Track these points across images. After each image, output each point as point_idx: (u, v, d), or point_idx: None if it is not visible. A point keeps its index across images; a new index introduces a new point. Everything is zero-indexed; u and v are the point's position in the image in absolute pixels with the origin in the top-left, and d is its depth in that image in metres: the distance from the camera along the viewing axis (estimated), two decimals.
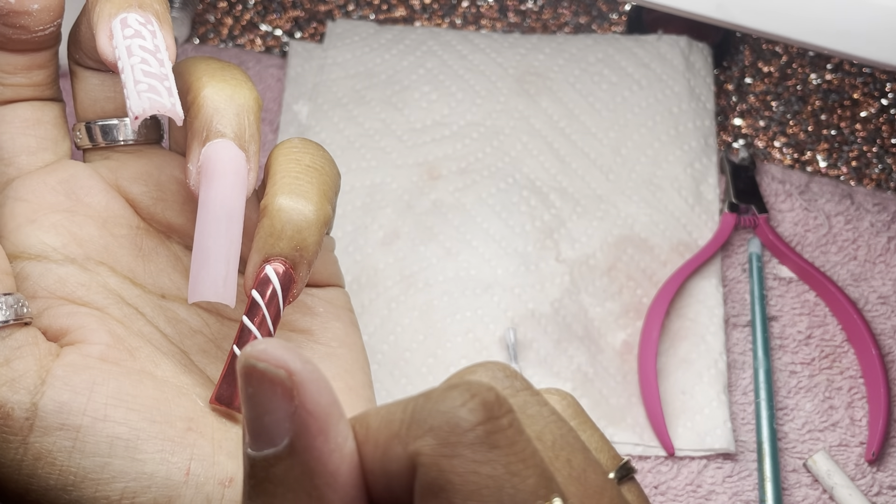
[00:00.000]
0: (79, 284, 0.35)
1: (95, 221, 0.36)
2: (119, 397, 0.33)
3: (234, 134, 0.33)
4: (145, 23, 0.33)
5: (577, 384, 0.55)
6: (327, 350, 0.38)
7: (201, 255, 0.32)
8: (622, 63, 0.64)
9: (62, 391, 0.32)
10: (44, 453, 0.31)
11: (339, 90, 0.63)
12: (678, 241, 0.59)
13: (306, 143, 0.36)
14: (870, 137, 0.65)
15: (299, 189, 0.34)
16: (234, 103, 0.34)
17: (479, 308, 0.57)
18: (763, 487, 0.53)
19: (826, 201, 0.62)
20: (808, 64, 0.68)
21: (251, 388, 0.23)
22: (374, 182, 0.61)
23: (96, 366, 0.33)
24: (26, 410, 0.31)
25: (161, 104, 0.32)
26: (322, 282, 0.39)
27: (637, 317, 0.57)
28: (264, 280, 0.33)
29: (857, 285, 0.59)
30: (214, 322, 0.37)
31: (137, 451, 0.32)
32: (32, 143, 0.36)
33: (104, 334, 0.34)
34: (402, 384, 0.55)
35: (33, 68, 0.36)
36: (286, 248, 0.33)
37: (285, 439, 0.23)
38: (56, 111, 0.37)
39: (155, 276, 0.37)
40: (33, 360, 0.32)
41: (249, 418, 0.24)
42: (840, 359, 0.57)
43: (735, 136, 0.66)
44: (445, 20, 0.69)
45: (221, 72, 0.35)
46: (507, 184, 0.60)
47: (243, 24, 0.68)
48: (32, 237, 0.35)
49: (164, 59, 0.33)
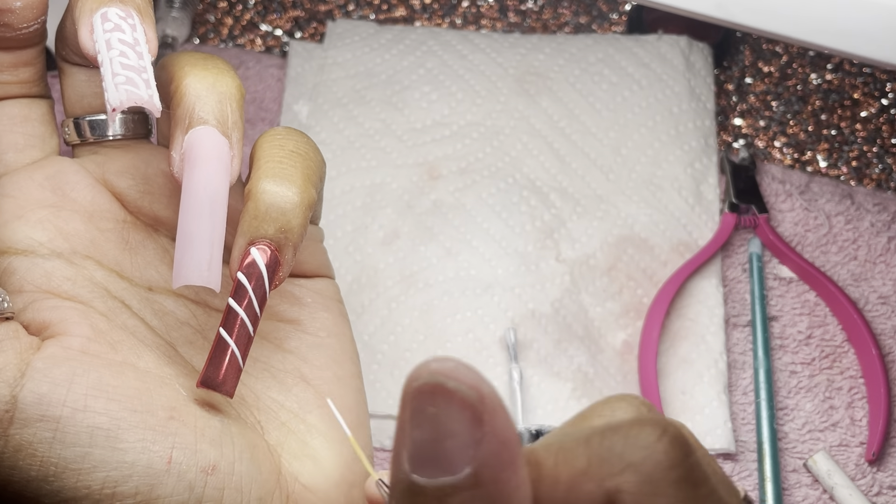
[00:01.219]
0: (64, 278, 0.35)
1: (82, 216, 0.36)
2: (99, 388, 0.33)
3: (216, 120, 0.33)
4: (126, 17, 0.33)
5: (577, 384, 0.55)
6: (315, 340, 0.38)
7: (185, 239, 0.32)
8: (622, 63, 0.64)
9: (42, 383, 0.32)
10: (24, 445, 0.32)
11: (339, 90, 0.63)
12: (678, 241, 0.59)
13: (290, 131, 0.36)
14: (870, 137, 0.65)
15: (283, 173, 0.34)
16: (216, 91, 0.34)
17: (479, 308, 0.57)
18: (763, 487, 0.53)
19: (826, 201, 0.62)
20: (809, 64, 0.68)
21: (434, 408, 0.22)
22: (374, 182, 0.61)
23: (76, 358, 0.33)
24: (6, 403, 0.32)
25: (138, 96, 0.32)
26: (310, 272, 0.39)
27: (637, 317, 0.57)
28: (250, 263, 0.33)
29: (858, 285, 0.59)
30: (202, 313, 0.38)
31: (118, 440, 0.32)
32: (20, 141, 0.37)
33: (85, 327, 0.34)
34: (402, 384, 0.55)
35: (19, 66, 0.36)
36: (271, 231, 0.33)
37: (467, 468, 0.21)
38: (44, 108, 0.38)
39: (142, 268, 0.37)
40: (13, 353, 0.32)
41: (422, 440, 0.22)
42: (840, 359, 0.57)
43: (735, 136, 0.66)
44: (445, 20, 0.69)
45: (204, 61, 0.35)
46: (507, 184, 0.60)
47: (243, 24, 0.68)
48: (19, 233, 0.35)
49: (144, 52, 0.33)
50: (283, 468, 0.36)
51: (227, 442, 0.34)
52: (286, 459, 0.36)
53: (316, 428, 0.37)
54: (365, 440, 0.39)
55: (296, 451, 0.36)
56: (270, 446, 0.36)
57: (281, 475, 0.36)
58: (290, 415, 0.37)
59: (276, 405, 0.37)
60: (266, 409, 0.37)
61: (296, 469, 0.36)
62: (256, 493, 0.34)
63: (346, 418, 0.38)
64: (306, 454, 0.37)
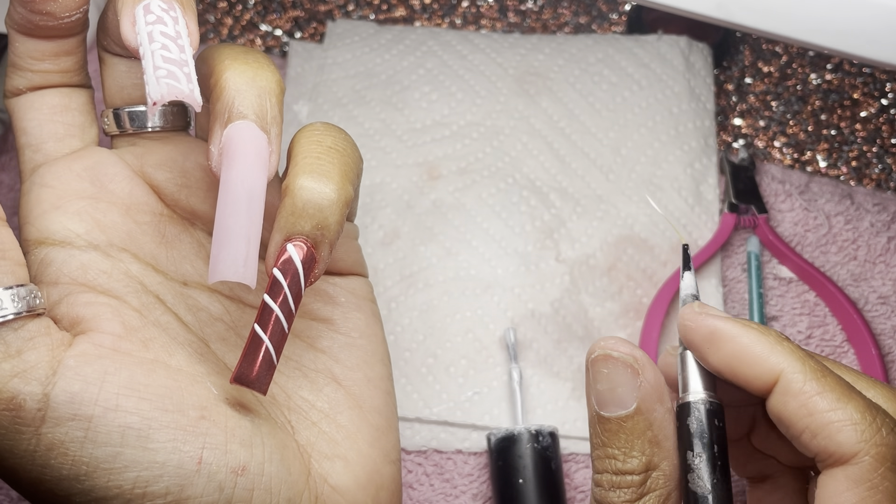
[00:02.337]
0: (101, 271, 0.35)
1: (119, 208, 0.36)
2: (131, 387, 0.33)
3: (255, 115, 0.33)
4: (168, 9, 0.33)
5: (577, 384, 0.55)
6: (347, 340, 0.38)
7: (221, 234, 0.32)
8: (622, 63, 0.64)
9: (74, 381, 0.32)
10: (56, 443, 0.32)
11: (339, 90, 0.63)
12: (678, 241, 0.59)
13: (328, 127, 0.36)
14: (870, 137, 0.65)
15: (321, 169, 0.33)
16: (256, 85, 0.34)
17: (479, 308, 0.57)
18: None
19: (826, 201, 0.62)
20: (808, 64, 0.68)
21: (607, 369, 0.33)
22: (374, 182, 0.61)
23: (108, 355, 0.33)
24: (38, 401, 0.31)
25: (179, 90, 0.32)
26: (345, 270, 0.39)
27: (637, 317, 0.57)
28: (286, 259, 0.33)
29: (857, 285, 0.59)
30: (235, 309, 0.38)
31: (149, 440, 0.32)
32: (60, 130, 0.37)
33: (117, 324, 0.34)
34: (401, 384, 0.55)
35: (61, 55, 0.36)
36: (308, 227, 0.33)
37: (633, 404, 0.33)
38: (84, 97, 0.38)
39: (178, 262, 0.37)
40: (46, 350, 0.32)
41: (603, 390, 0.33)
42: (840, 359, 0.57)
43: (735, 136, 0.66)
44: (445, 20, 0.69)
45: (244, 55, 0.35)
46: (507, 184, 0.60)
47: (243, 24, 0.69)
48: (57, 223, 0.35)
49: (185, 45, 0.33)
50: (312, 469, 0.36)
51: (258, 442, 0.34)
52: (316, 460, 0.36)
53: (346, 429, 0.37)
54: (393, 443, 0.39)
55: (326, 452, 0.36)
56: (300, 446, 0.36)
57: (310, 476, 0.35)
58: (321, 415, 0.37)
59: (306, 405, 0.37)
60: (297, 408, 0.37)
61: (325, 470, 0.36)
62: (286, 493, 0.34)
63: (375, 421, 0.38)
64: (337, 455, 0.36)
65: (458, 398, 0.55)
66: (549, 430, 0.52)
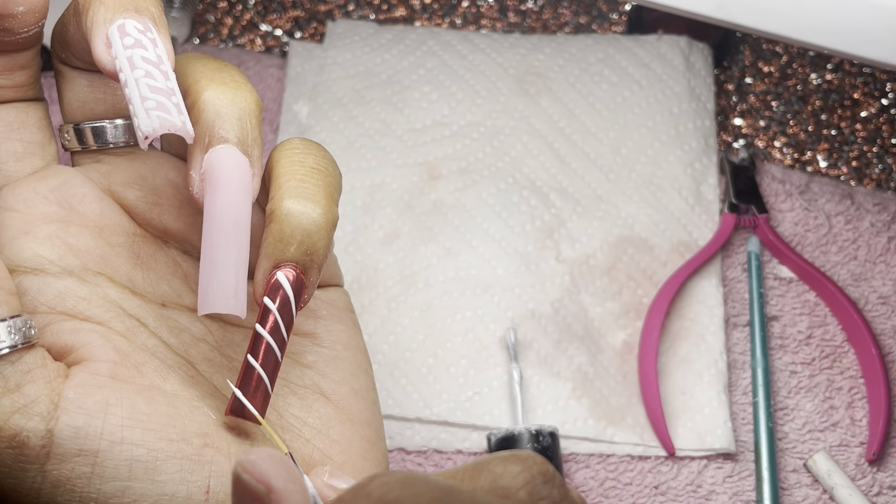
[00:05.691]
0: (79, 298, 0.34)
1: (91, 231, 0.35)
2: (134, 417, 0.32)
3: (237, 139, 0.32)
4: (144, 30, 0.32)
5: (577, 384, 0.55)
6: (332, 353, 0.37)
7: (209, 265, 0.31)
8: (622, 63, 0.64)
9: (76, 415, 0.31)
10: (62, 480, 0.31)
11: (339, 90, 0.63)
12: (678, 241, 0.59)
13: (308, 144, 0.35)
14: (870, 137, 0.65)
15: (306, 192, 0.33)
16: (236, 107, 0.32)
17: (479, 308, 0.57)
18: (760, 488, 0.53)
19: (826, 201, 0.62)
20: (809, 64, 0.68)
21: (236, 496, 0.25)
22: (374, 182, 0.61)
23: (107, 385, 0.32)
24: (42, 438, 0.30)
25: (171, 123, 0.31)
26: (323, 282, 0.38)
27: (637, 317, 0.57)
28: (276, 287, 0.32)
29: (858, 285, 0.59)
30: (217, 329, 0.37)
31: (157, 472, 0.31)
32: (19, 148, 0.35)
33: (110, 350, 0.33)
34: (402, 384, 0.55)
35: (15, 69, 0.34)
36: (296, 254, 0.32)
37: None
38: (40, 112, 0.36)
39: (154, 283, 0.36)
40: (44, 382, 0.31)
41: None
42: (840, 359, 0.57)
43: (735, 136, 0.66)
44: (445, 20, 0.69)
45: (220, 73, 0.33)
46: (507, 184, 0.60)
47: (243, 24, 0.68)
48: (27, 250, 0.34)
49: (168, 70, 0.32)
50: None
51: None
52: None
53: (339, 444, 0.36)
54: (383, 453, 0.38)
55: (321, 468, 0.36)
56: None
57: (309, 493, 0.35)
58: (314, 431, 0.36)
59: (298, 422, 0.36)
60: (289, 426, 0.36)
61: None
62: None
63: (366, 433, 0.37)
64: None
65: (459, 398, 0.55)
66: (550, 430, 0.52)
